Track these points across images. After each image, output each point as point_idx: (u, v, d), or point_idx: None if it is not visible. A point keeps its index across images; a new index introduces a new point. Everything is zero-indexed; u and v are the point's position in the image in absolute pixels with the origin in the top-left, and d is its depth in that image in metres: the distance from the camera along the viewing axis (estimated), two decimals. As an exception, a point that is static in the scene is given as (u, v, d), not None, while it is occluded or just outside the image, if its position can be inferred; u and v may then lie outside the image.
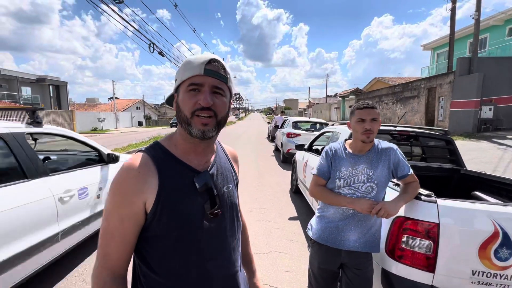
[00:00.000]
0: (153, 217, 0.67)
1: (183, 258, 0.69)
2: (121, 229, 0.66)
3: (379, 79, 25.07)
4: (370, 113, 1.40)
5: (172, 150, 0.73)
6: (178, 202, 0.68)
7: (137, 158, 0.69)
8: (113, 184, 0.67)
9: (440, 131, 2.96)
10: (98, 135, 19.92)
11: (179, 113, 0.70)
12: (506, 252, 1.29)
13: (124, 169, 0.68)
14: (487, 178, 2.50)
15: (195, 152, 0.74)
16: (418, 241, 1.40)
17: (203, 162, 0.76)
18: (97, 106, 39.31)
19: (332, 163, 1.48)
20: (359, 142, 1.44)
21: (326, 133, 4.09)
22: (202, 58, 0.68)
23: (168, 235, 0.68)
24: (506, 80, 10.73)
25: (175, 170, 0.70)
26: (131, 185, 0.66)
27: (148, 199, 0.66)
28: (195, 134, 0.69)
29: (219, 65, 0.69)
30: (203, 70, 0.67)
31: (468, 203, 1.41)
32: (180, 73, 0.71)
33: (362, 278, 1.43)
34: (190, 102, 0.67)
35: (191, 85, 0.68)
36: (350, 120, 1.50)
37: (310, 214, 4.00)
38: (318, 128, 8.91)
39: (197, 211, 0.70)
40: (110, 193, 0.67)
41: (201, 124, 0.68)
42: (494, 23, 16.50)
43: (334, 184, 1.46)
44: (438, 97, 13.17)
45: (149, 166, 0.68)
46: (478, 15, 11.14)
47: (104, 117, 28.19)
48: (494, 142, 8.96)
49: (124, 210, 0.65)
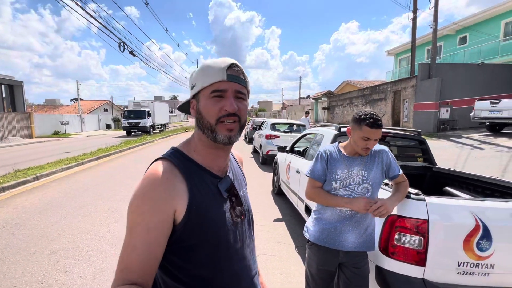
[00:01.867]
0: (185, 226, 0.63)
1: (217, 265, 0.68)
2: (147, 239, 0.59)
3: (348, 82, 26.37)
4: (376, 134, 1.35)
5: (193, 156, 0.71)
6: (209, 209, 0.67)
7: (160, 165, 0.65)
8: (137, 194, 0.62)
9: (414, 132, 3.19)
10: (61, 139, 18.41)
11: (201, 119, 0.69)
12: (486, 243, 1.42)
13: (149, 177, 0.63)
14: (456, 175, 2.74)
15: (216, 157, 0.73)
16: (409, 237, 1.49)
17: (222, 167, 0.75)
18: (59, 108, 36.34)
19: (328, 166, 1.51)
20: (358, 148, 1.44)
21: (308, 135, 4.19)
22: (223, 63, 0.67)
23: (202, 243, 0.66)
24: (460, 84, 11.90)
25: (200, 176, 0.69)
26: (159, 192, 0.61)
27: (178, 207, 0.62)
28: (221, 140, 0.67)
29: (239, 69, 0.68)
30: (225, 75, 0.66)
31: (452, 199, 1.53)
32: (199, 79, 0.68)
33: (360, 276, 1.48)
34: (214, 108, 0.66)
35: (215, 91, 0.66)
36: (352, 128, 1.44)
37: (294, 215, 4.06)
38: (295, 130, 9.11)
39: (225, 216, 0.70)
40: (134, 204, 0.61)
41: (227, 130, 0.67)
42: (447, 32, 18.26)
43: (331, 186, 1.49)
44: (403, 99, 14.19)
45: (176, 173, 0.65)
46: (436, 25, 12.22)
47: (68, 120, 26.08)
48: (452, 140, 9.86)
49: (152, 218, 0.60)
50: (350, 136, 1.49)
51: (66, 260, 2.77)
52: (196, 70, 0.72)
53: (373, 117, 1.35)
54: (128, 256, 0.60)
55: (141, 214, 0.60)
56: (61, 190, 5.43)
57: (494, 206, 1.48)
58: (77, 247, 3.04)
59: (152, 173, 0.64)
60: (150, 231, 0.60)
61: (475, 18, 16.78)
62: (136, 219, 0.60)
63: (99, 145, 12.48)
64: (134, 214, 0.61)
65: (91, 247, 3.03)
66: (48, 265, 2.67)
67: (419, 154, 3.25)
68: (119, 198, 4.83)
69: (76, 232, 3.43)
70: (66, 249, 2.98)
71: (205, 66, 0.68)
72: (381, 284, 1.56)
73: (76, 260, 2.76)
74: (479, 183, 2.44)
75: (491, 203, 1.51)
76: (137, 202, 0.61)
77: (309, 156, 3.46)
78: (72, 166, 7.65)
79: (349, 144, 1.53)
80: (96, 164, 8.47)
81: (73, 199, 4.77)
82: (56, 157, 9.21)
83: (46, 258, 2.79)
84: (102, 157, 9.43)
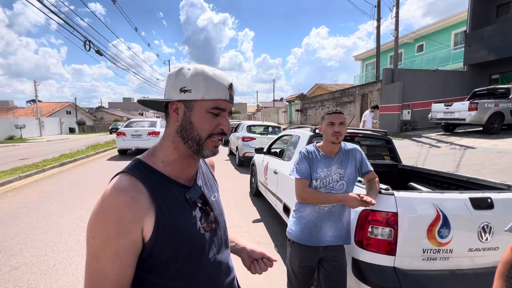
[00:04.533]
0: (154, 243, 0.61)
1: (192, 275, 0.68)
2: (117, 264, 0.57)
3: (319, 85, 27.42)
4: (338, 118, 1.56)
5: (159, 168, 0.68)
6: (177, 222, 0.65)
7: (123, 181, 0.61)
8: (100, 217, 0.58)
9: (381, 132, 3.43)
10: (17, 145, 16.75)
11: (189, 130, 0.66)
12: (446, 231, 1.59)
13: (111, 196, 0.59)
14: (418, 171, 3.01)
15: (186, 167, 0.71)
16: (381, 229, 1.62)
17: (190, 176, 0.74)
18: (13, 111, 33.00)
19: (310, 165, 1.58)
20: (330, 144, 1.58)
21: (284, 136, 4.31)
22: (225, 81, 0.67)
23: (175, 257, 0.65)
24: (419, 88, 12.99)
25: (166, 188, 0.66)
26: (124, 213, 0.58)
27: (145, 225, 0.60)
28: (205, 155, 0.68)
29: (233, 89, 0.69)
30: (228, 95, 0.67)
31: (416, 193, 1.69)
32: (198, 87, 0.64)
33: (339, 269, 1.57)
34: (210, 124, 0.66)
35: (216, 108, 0.66)
36: (321, 125, 1.64)
37: (272, 215, 4.14)
38: (271, 131, 9.27)
39: (196, 226, 0.69)
40: (97, 228, 0.57)
41: (214, 147, 0.69)
42: (407, 41, 19.86)
43: (312, 185, 1.57)
44: (370, 102, 15.10)
45: (140, 189, 0.61)
46: (397, 34, 13.21)
47: (24, 123, 23.82)
48: (413, 140, 10.70)
49: (120, 241, 0.57)
50: (322, 133, 1.61)
51: (30, 275, 2.55)
52: (189, 72, 0.66)
53: (332, 109, 1.59)
54: (100, 284, 0.57)
55: (106, 239, 0.57)
56: (19, 200, 4.96)
57: (451, 197, 1.67)
58: (42, 261, 2.81)
59: (114, 191, 0.59)
60: (120, 255, 0.58)
61: (429, 28, 18.48)
62: (101, 245, 0.57)
63: (62, 150, 11.57)
64: (98, 239, 0.57)
65: (58, 260, 2.82)
66: (8, 282, 2.44)
67: (386, 153, 3.51)
68: (88, 206, 4.53)
69: (40, 245, 3.16)
70: (29, 264, 2.74)
71: (207, 76, 0.65)
72: (357, 275, 1.67)
73: (41, 275, 2.55)
74: (438, 178, 2.71)
75: (449, 195, 1.69)
76: (100, 224, 0.57)
77: (286, 157, 3.56)
78: (32, 174, 7.02)
79: (324, 142, 1.63)
80: (60, 171, 7.85)
81: (35, 210, 4.39)
82: (12, 164, 8.36)
83: (7, 276, 2.54)
84: (66, 163, 8.77)
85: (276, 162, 3.86)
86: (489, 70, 13.10)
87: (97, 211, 0.58)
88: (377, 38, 15.77)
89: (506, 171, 5.21)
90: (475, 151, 6.96)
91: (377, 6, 15.06)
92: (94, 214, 0.59)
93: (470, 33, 13.03)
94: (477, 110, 8.51)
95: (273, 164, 3.88)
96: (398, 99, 12.39)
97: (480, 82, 12.93)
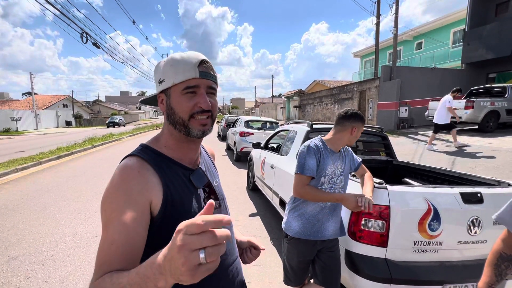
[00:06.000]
0: (162, 219, 0.63)
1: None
2: (124, 231, 0.57)
3: (318, 82, 27.37)
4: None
5: (164, 151, 0.72)
6: (184, 201, 0.68)
7: (130, 161, 0.65)
8: (110, 189, 0.61)
9: (377, 128, 3.47)
10: (13, 138, 16.62)
11: (172, 115, 0.69)
12: (436, 224, 1.64)
13: (120, 173, 0.62)
14: (413, 167, 3.06)
15: (187, 151, 0.75)
16: (373, 222, 1.66)
17: (193, 160, 0.77)
18: (8, 103, 32.65)
19: (320, 162, 1.52)
20: (342, 143, 1.57)
21: (281, 131, 4.33)
22: (193, 59, 0.68)
23: None
24: (416, 86, 13.03)
25: (172, 170, 0.70)
26: (133, 185, 0.60)
27: (153, 199, 0.62)
28: (195, 134, 0.70)
29: (209, 65, 0.70)
30: (198, 73, 0.67)
31: (409, 187, 1.74)
32: (168, 74, 0.68)
33: (334, 258, 1.62)
34: (187, 105, 0.68)
35: (187, 88, 0.67)
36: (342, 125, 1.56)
37: (269, 209, 4.19)
38: (268, 127, 9.30)
39: (201, 207, 0.71)
40: (107, 199, 0.60)
41: (201, 125, 0.70)
42: (406, 38, 19.84)
43: (319, 181, 1.54)
44: (368, 99, 15.14)
45: (147, 167, 0.65)
46: (396, 31, 13.19)
47: (20, 116, 23.62)
48: (410, 137, 10.79)
49: (127, 210, 0.58)
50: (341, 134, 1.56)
51: (28, 266, 2.57)
52: (163, 63, 0.71)
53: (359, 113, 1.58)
54: (106, 251, 0.56)
55: (115, 208, 0.58)
56: (16, 192, 4.96)
57: (442, 192, 1.71)
58: (39, 251, 2.83)
59: (123, 168, 0.63)
60: (127, 223, 0.57)
61: (429, 26, 18.46)
62: (111, 214, 0.58)
63: (59, 143, 11.51)
64: (108, 209, 0.59)
65: (56, 251, 2.84)
66: (6, 272, 2.47)
67: (382, 149, 3.55)
68: (86, 199, 4.55)
69: (37, 236, 3.19)
70: (27, 255, 2.77)
71: (174, 61, 0.68)
72: (350, 266, 1.72)
73: (39, 265, 2.58)
74: (432, 174, 2.76)
75: (440, 189, 1.74)
76: (110, 197, 0.60)
77: (284, 152, 3.59)
78: (29, 166, 7.00)
79: (335, 140, 1.58)
80: (57, 163, 7.83)
81: (32, 201, 4.40)
82: (9, 156, 8.33)
83: (4, 265, 2.57)
84: (63, 156, 8.74)
85: (273, 157, 3.89)
86: (487, 68, 13.17)
87: (107, 188, 0.62)
88: (376, 35, 15.73)
89: (499, 168, 5.30)
90: (470, 149, 7.05)
91: (377, 3, 14.98)
92: (105, 191, 0.62)
93: (468, 31, 13.05)
94: (473, 109, 8.59)
95: (270, 159, 3.91)
96: (395, 97, 12.43)
97: (477, 80, 13.01)
